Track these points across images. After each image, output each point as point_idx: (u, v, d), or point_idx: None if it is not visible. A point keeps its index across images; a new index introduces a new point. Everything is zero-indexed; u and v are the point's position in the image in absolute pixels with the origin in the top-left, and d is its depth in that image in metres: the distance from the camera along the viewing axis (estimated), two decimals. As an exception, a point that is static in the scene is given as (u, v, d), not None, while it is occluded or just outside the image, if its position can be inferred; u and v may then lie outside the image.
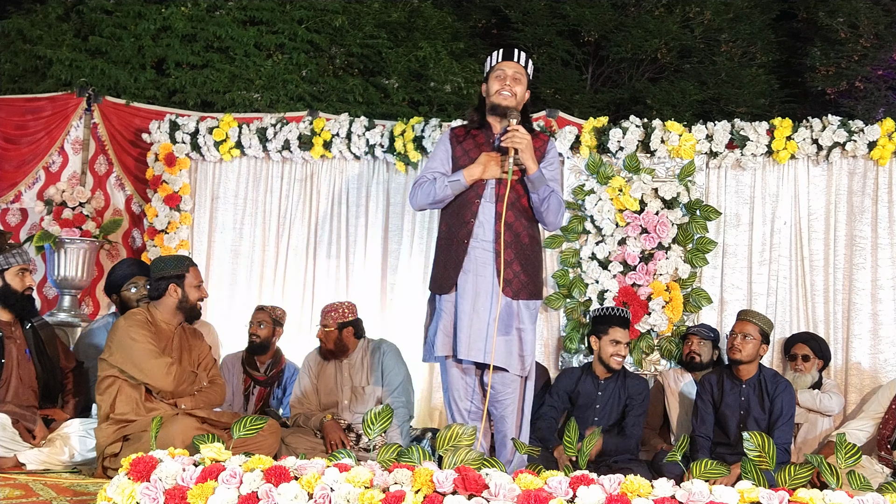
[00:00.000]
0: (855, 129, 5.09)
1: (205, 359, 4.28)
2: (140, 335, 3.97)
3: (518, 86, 3.75)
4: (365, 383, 4.65)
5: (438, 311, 3.75)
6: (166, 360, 3.98)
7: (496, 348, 3.60)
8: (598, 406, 4.55)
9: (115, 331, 4.02)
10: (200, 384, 4.16)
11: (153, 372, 3.94)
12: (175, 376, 3.98)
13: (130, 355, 3.93)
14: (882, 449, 4.49)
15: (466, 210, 3.71)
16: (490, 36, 11.02)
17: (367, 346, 4.77)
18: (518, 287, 3.67)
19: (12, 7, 8.38)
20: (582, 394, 4.59)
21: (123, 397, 3.95)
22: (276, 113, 6.06)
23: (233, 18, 7.69)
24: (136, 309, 4.20)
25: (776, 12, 10.80)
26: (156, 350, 3.98)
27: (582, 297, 5.25)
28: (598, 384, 4.59)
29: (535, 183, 3.65)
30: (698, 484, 2.47)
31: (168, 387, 3.97)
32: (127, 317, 4.08)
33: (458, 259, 3.68)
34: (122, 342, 3.96)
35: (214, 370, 4.32)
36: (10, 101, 6.30)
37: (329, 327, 4.69)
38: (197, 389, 4.13)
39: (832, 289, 5.16)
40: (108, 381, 3.97)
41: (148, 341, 3.97)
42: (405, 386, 4.65)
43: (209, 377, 4.24)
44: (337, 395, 4.66)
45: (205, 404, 4.11)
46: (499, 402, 3.73)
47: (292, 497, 2.53)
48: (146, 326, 4.04)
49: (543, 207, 3.69)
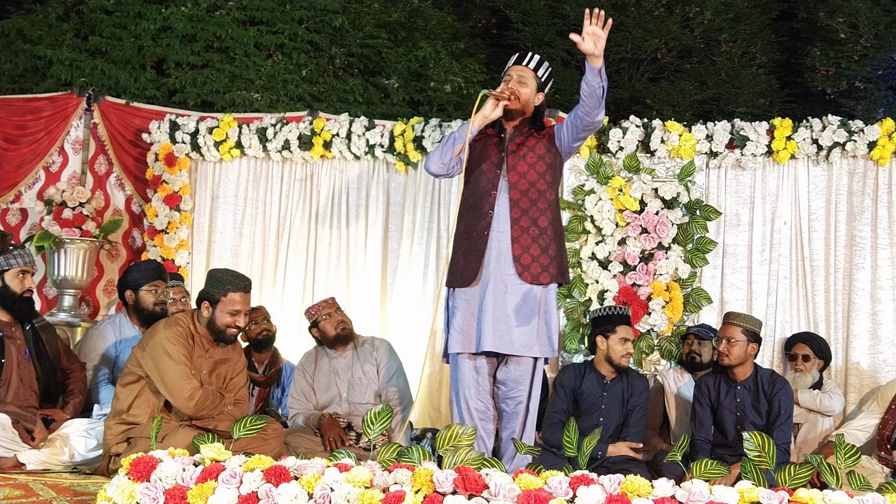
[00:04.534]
0: (855, 129, 5.09)
1: (237, 375, 4.16)
2: (174, 351, 3.86)
3: (523, 87, 3.84)
4: (361, 374, 4.67)
5: (453, 308, 3.82)
6: (194, 384, 3.87)
7: (518, 338, 3.69)
8: (603, 407, 4.50)
9: (154, 333, 3.94)
10: (224, 407, 4.02)
11: (177, 393, 3.85)
12: (198, 401, 3.86)
13: (160, 368, 3.86)
14: (882, 449, 4.49)
15: (484, 202, 3.80)
16: (490, 36, 11.02)
17: (358, 342, 4.79)
18: (537, 271, 3.74)
19: (12, 7, 8.38)
20: (586, 394, 4.52)
21: (142, 400, 3.91)
22: (276, 113, 6.06)
23: (233, 18, 7.69)
24: (181, 316, 4.07)
25: (776, 12, 10.80)
26: (186, 371, 3.86)
27: (582, 297, 5.25)
28: (604, 384, 4.54)
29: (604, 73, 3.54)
30: (698, 484, 2.47)
31: (188, 411, 3.89)
32: (169, 324, 3.98)
33: (479, 251, 3.76)
34: (155, 351, 3.88)
35: (244, 390, 4.19)
36: (10, 101, 6.30)
37: (339, 309, 4.77)
38: (218, 413, 3.99)
39: (832, 289, 5.16)
40: (133, 378, 3.93)
41: (181, 360, 3.86)
42: (400, 372, 4.71)
43: (236, 397, 4.11)
44: (334, 388, 4.68)
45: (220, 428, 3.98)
46: (510, 399, 3.79)
47: (292, 497, 2.53)
48: (183, 340, 3.92)
49: (599, 93, 3.56)
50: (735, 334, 4.40)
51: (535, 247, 3.76)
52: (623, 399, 4.53)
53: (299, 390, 4.72)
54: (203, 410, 3.91)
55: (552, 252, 3.80)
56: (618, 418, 4.51)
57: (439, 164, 3.87)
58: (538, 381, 3.87)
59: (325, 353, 4.76)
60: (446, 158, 3.85)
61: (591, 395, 4.52)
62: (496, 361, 3.86)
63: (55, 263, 5.66)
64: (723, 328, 4.49)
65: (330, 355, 4.73)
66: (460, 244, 3.86)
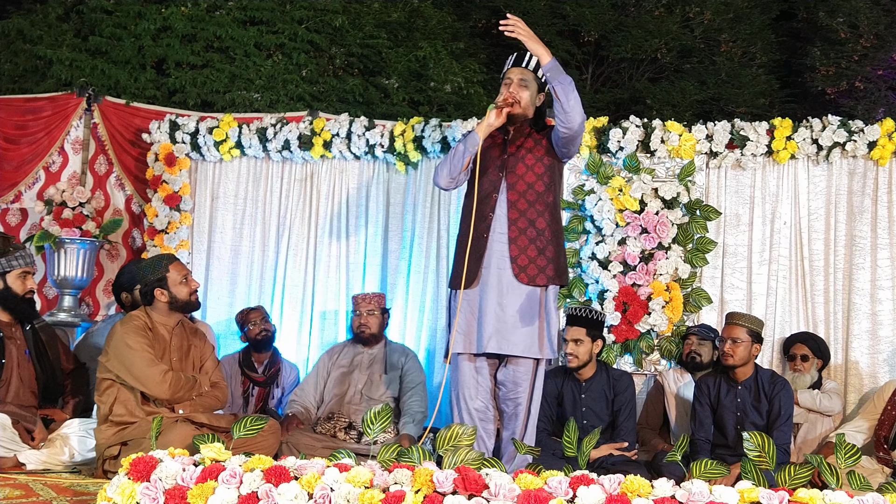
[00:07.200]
0: (855, 129, 5.09)
1: (207, 360, 4.24)
2: (136, 342, 3.94)
3: (524, 91, 3.85)
4: (382, 372, 4.82)
5: (454, 309, 3.83)
6: (162, 367, 3.94)
7: (519, 339, 3.70)
8: (584, 409, 4.49)
9: (112, 335, 4.00)
10: (201, 389, 4.10)
11: (148, 380, 3.91)
12: (171, 384, 3.93)
13: (126, 363, 3.91)
14: (880, 449, 4.49)
15: (486, 205, 3.82)
16: (490, 36, 11.02)
17: (387, 344, 4.96)
18: (534, 273, 3.75)
19: (12, 7, 8.39)
20: (566, 397, 4.54)
21: (121, 400, 3.94)
22: (276, 113, 6.06)
23: (233, 18, 7.69)
24: (135, 312, 4.16)
25: (776, 12, 10.81)
26: (151, 357, 3.94)
27: (582, 297, 5.25)
28: (580, 386, 4.54)
29: (553, 72, 3.61)
30: (698, 484, 2.47)
31: (164, 395, 3.93)
32: (124, 321, 4.05)
33: (479, 253, 3.78)
34: (118, 349, 3.94)
35: (217, 372, 4.26)
36: (10, 101, 6.29)
37: (375, 311, 4.88)
38: (197, 394, 4.07)
39: (832, 289, 5.16)
40: (107, 384, 3.97)
41: (144, 348, 3.94)
42: (423, 387, 4.82)
43: (211, 379, 4.19)
44: (349, 380, 4.79)
45: (204, 409, 4.06)
46: (510, 400, 3.81)
47: (292, 497, 2.53)
48: (143, 332, 4.00)
49: (571, 97, 3.61)
50: (740, 335, 4.40)
51: (533, 248, 3.77)
52: (606, 399, 4.50)
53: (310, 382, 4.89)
54: (180, 392, 3.97)
55: (549, 254, 3.80)
56: (603, 418, 4.49)
57: (448, 179, 3.90)
58: (539, 382, 3.87)
59: (353, 347, 4.94)
60: (455, 172, 3.87)
61: (569, 398, 4.53)
62: (497, 362, 3.87)
63: (55, 263, 5.66)
64: (727, 328, 4.48)
65: (357, 350, 4.91)
66: (461, 246, 3.87)
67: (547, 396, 4.47)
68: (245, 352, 5.22)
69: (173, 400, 3.98)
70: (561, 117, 3.67)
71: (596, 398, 4.50)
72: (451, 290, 3.95)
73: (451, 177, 3.88)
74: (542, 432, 4.35)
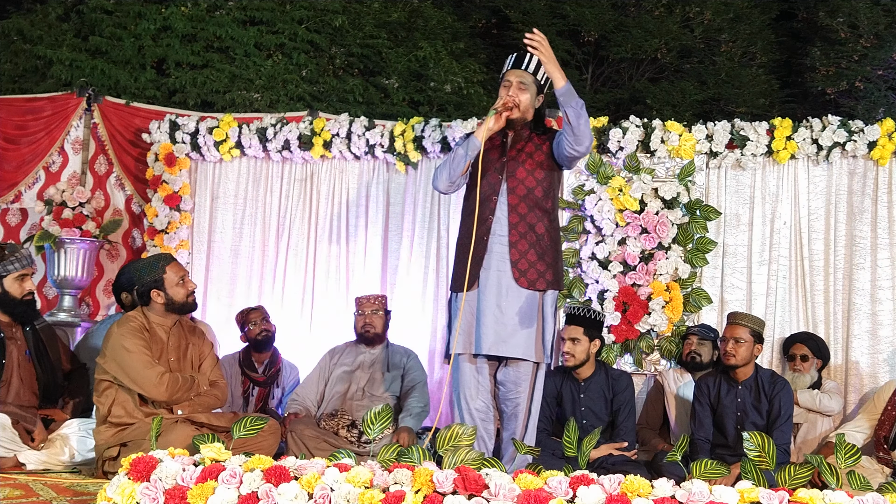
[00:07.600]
0: (855, 129, 5.09)
1: (206, 358, 4.23)
2: (132, 344, 3.93)
3: (523, 93, 3.83)
4: (384, 371, 4.86)
5: (455, 310, 3.83)
6: (159, 369, 3.93)
7: (517, 341, 3.71)
8: (582, 409, 4.49)
9: (109, 337, 3.99)
10: (199, 389, 4.09)
11: (145, 382, 3.90)
12: (168, 386, 3.92)
13: (123, 365, 3.91)
14: (880, 449, 4.49)
15: (485, 208, 3.81)
16: (490, 36, 11.03)
17: (389, 345, 5.00)
18: (534, 276, 3.75)
19: (12, 7, 8.39)
20: (565, 398, 4.54)
21: (119, 401, 3.93)
22: (276, 113, 6.05)
23: (233, 18, 7.69)
24: (131, 312, 4.15)
25: (776, 12, 10.81)
26: (148, 359, 3.93)
27: (582, 297, 5.25)
28: (579, 386, 4.54)
29: (566, 96, 3.62)
30: (698, 484, 2.47)
31: (161, 397, 3.93)
32: (121, 323, 4.04)
33: (478, 256, 3.77)
34: (115, 351, 3.93)
35: (216, 371, 4.25)
36: (10, 101, 6.29)
37: (378, 311, 4.92)
38: (195, 394, 4.06)
39: (832, 289, 5.16)
40: (105, 385, 3.97)
41: (140, 350, 3.93)
42: (424, 385, 4.86)
43: (210, 378, 4.19)
44: (353, 375, 4.83)
45: (203, 409, 4.06)
46: (509, 401, 3.81)
47: (292, 497, 2.53)
48: (139, 333, 3.99)
49: (582, 121, 3.64)
50: (743, 335, 4.40)
51: (533, 253, 3.76)
52: (605, 398, 4.50)
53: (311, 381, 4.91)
54: (177, 393, 3.96)
55: (549, 259, 3.80)
56: (602, 418, 4.49)
57: (448, 184, 3.90)
58: (540, 383, 3.87)
59: (356, 347, 4.97)
60: (454, 177, 3.87)
61: (568, 398, 4.53)
62: (497, 362, 3.87)
63: (55, 263, 5.66)
64: (729, 328, 4.48)
65: (360, 350, 4.94)
66: (462, 248, 3.86)
67: (546, 396, 4.46)
68: (245, 352, 5.22)
69: (171, 401, 3.96)
70: (570, 139, 3.69)
71: (594, 398, 4.50)
72: (451, 293, 3.95)
73: (450, 181, 3.88)
74: (542, 432, 4.34)
